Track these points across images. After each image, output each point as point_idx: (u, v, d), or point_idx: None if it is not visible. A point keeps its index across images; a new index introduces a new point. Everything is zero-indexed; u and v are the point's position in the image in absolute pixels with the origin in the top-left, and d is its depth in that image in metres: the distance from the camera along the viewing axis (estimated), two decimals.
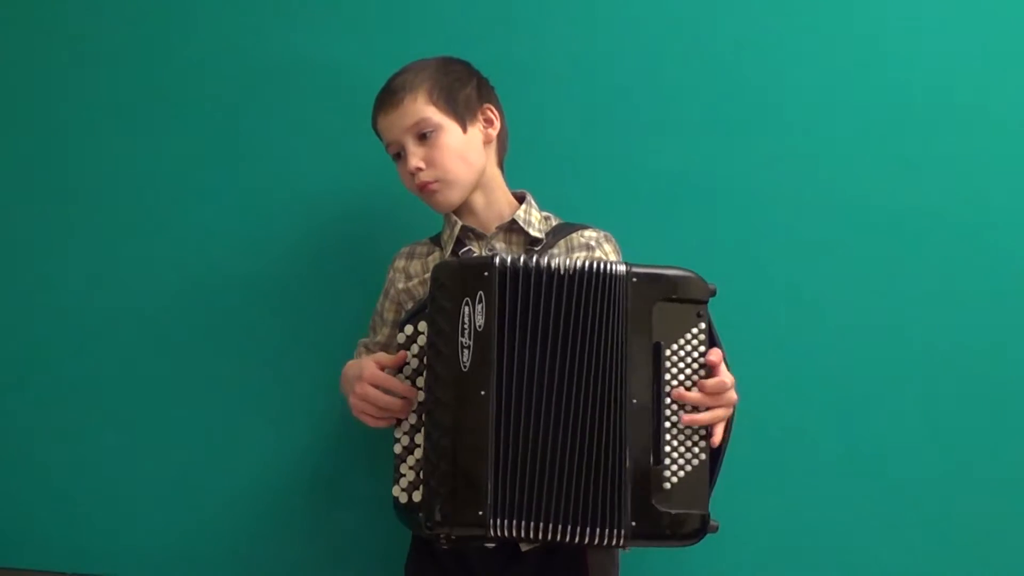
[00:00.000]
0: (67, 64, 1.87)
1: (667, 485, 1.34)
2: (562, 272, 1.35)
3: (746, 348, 1.67)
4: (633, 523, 1.32)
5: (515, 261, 1.35)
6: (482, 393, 1.33)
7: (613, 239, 1.57)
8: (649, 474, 1.33)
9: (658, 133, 1.75)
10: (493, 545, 1.43)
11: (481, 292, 1.34)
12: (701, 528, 1.34)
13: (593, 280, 1.35)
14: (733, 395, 1.37)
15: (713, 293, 1.37)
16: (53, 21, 1.88)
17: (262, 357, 1.81)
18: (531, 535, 1.33)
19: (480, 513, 1.32)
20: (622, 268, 1.35)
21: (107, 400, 1.83)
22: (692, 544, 1.36)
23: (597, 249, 1.53)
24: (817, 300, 1.71)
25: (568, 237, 1.54)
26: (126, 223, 1.85)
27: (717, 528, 1.35)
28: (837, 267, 1.71)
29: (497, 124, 1.56)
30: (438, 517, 1.34)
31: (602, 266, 1.35)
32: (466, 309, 1.35)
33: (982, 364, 1.68)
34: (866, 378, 1.70)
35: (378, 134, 1.57)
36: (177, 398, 1.82)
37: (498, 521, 1.32)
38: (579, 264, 1.35)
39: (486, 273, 1.35)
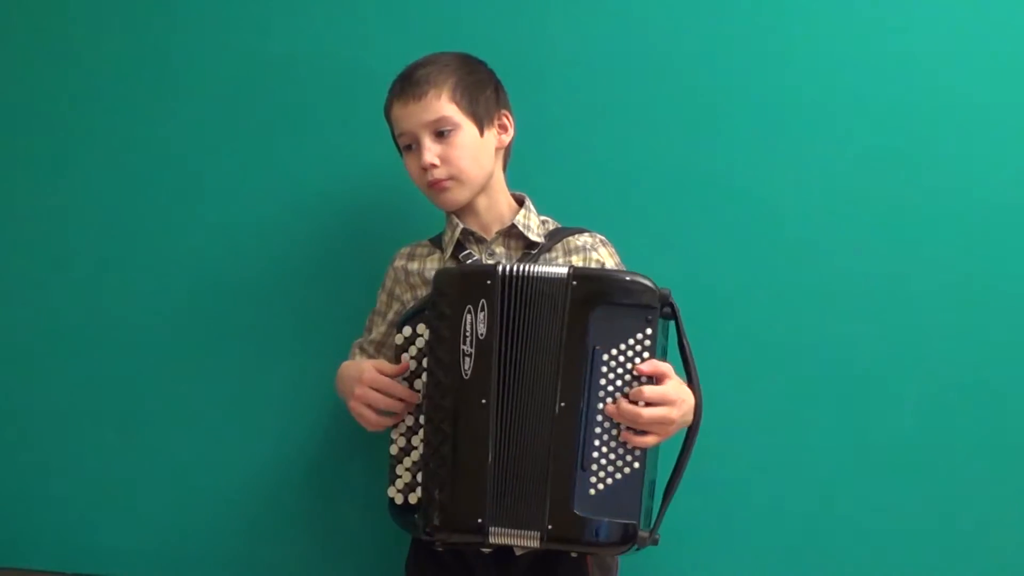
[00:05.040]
0: (69, 62, 1.86)
1: (592, 491, 1.33)
2: (523, 276, 1.35)
3: (746, 348, 1.70)
4: (549, 526, 1.33)
5: (516, 269, 1.36)
6: (483, 401, 1.34)
7: (609, 244, 1.58)
8: (572, 479, 1.33)
9: (656, 136, 1.74)
10: (489, 550, 1.44)
11: (483, 300, 1.35)
12: (625, 537, 1.33)
13: (539, 284, 1.35)
14: (666, 412, 1.33)
15: (664, 299, 1.34)
16: (56, 18, 1.87)
17: (262, 357, 1.81)
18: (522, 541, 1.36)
19: (480, 521, 1.34)
20: (563, 271, 1.35)
21: (107, 400, 1.83)
22: (617, 553, 1.35)
23: (593, 252, 1.54)
24: (818, 301, 1.70)
25: (565, 240, 1.54)
26: (124, 222, 1.85)
27: (657, 541, 1.34)
28: (838, 267, 1.70)
29: (511, 132, 1.57)
30: (436, 522, 1.36)
31: (545, 270, 1.36)
32: (468, 317, 1.35)
33: (983, 364, 1.67)
34: (867, 378, 1.69)
35: (390, 121, 1.55)
36: (177, 398, 1.82)
37: (496, 528, 1.34)
38: (528, 269, 1.36)
39: (488, 281, 1.35)
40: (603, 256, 1.54)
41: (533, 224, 1.55)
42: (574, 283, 1.34)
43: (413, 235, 1.64)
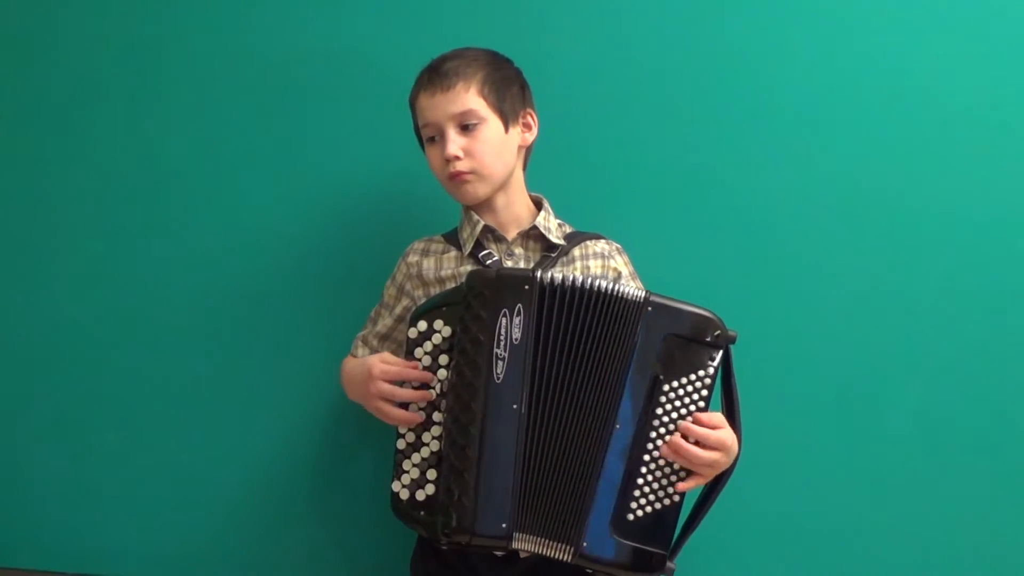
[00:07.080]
0: (73, 60, 1.84)
1: (631, 516, 1.35)
2: (588, 290, 1.36)
3: (750, 350, 1.69)
4: (584, 543, 1.34)
5: (554, 278, 1.36)
6: (514, 407, 1.34)
7: (625, 252, 1.60)
8: (615, 501, 1.35)
9: (668, 138, 1.75)
10: (503, 553, 1.44)
11: (520, 305, 1.35)
12: (653, 566, 1.35)
13: (609, 302, 1.36)
14: (718, 457, 1.36)
15: (732, 340, 1.37)
16: (58, 14, 1.84)
17: (263, 355, 1.79)
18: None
19: (504, 526, 1.34)
20: (640, 294, 1.36)
21: (107, 400, 1.81)
22: None
23: (611, 260, 1.55)
24: (822, 302, 1.72)
25: (583, 244, 1.55)
26: (124, 220, 1.83)
27: (672, 572, 1.37)
28: (844, 269, 1.72)
29: (534, 131, 1.57)
30: (455, 524, 1.35)
31: (621, 289, 1.36)
32: (503, 321, 1.35)
33: (983, 365, 1.70)
34: (867, 378, 1.72)
35: (414, 111, 1.54)
36: (177, 397, 1.80)
37: (521, 535, 1.35)
38: (601, 285, 1.36)
39: (526, 287, 1.35)
40: (619, 264, 1.56)
41: (552, 226, 1.56)
42: (649, 309, 1.35)
43: (415, 233, 1.63)
